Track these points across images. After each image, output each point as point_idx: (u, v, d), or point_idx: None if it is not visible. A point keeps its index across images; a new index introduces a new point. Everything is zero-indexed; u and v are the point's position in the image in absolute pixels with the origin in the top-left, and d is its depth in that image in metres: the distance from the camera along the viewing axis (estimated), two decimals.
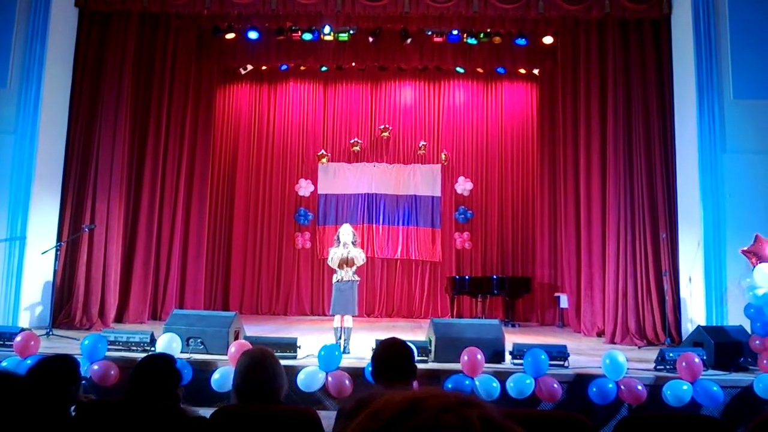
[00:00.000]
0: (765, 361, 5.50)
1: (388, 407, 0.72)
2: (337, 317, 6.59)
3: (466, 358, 5.32)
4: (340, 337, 6.49)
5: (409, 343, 3.06)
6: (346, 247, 6.55)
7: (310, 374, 5.32)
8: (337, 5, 8.64)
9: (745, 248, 6.48)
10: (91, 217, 8.64)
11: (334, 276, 6.64)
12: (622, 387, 5.16)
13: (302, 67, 11.92)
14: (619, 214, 8.45)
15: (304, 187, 12.15)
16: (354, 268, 6.58)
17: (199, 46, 10.55)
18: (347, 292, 6.51)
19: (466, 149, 12.25)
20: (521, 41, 10.45)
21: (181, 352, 5.72)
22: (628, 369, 5.31)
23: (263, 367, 2.56)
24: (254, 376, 2.55)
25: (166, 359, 2.82)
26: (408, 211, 12.04)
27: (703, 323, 7.10)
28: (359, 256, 6.56)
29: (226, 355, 5.52)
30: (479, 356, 5.33)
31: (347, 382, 5.28)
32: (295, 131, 12.30)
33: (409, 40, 10.46)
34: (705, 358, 5.65)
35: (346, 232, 6.67)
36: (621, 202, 8.46)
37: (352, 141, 12.11)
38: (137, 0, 8.68)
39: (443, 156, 12.12)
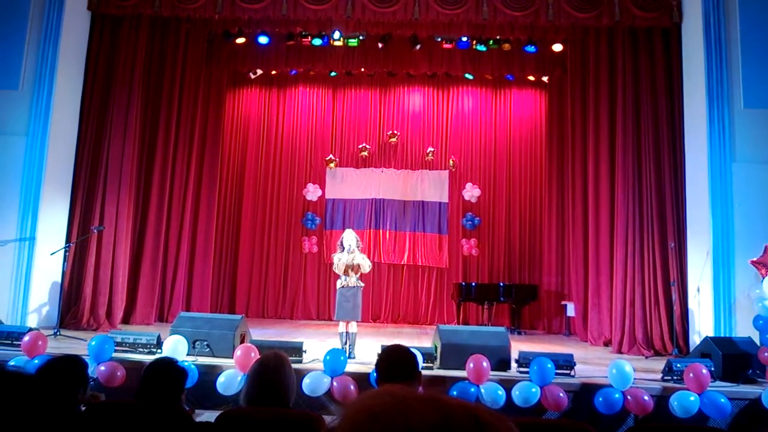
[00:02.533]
0: None
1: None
2: (342, 322, 6.60)
3: (471, 365, 5.31)
4: (345, 342, 6.49)
5: (413, 350, 3.06)
6: (351, 252, 6.55)
7: (315, 379, 5.32)
8: (347, 11, 8.68)
9: (755, 259, 6.44)
10: (100, 219, 8.69)
11: (339, 282, 6.64)
12: (629, 397, 5.13)
13: (311, 72, 11.97)
14: (628, 222, 8.41)
15: (312, 192, 12.17)
16: (358, 273, 6.58)
17: (209, 50, 10.63)
18: (352, 298, 6.51)
19: (474, 156, 12.24)
20: (531, 48, 10.45)
21: (187, 354, 5.73)
22: (634, 379, 5.27)
23: (277, 372, 2.57)
24: (267, 380, 2.55)
25: (172, 363, 2.83)
26: (415, 216, 12.04)
27: (711, 334, 7.05)
28: (365, 263, 6.56)
29: (232, 358, 5.52)
30: (485, 364, 5.31)
31: (352, 387, 5.27)
32: (303, 136, 12.34)
33: (418, 46, 10.49)
34: (713, 369, 5.61)
35: (349, 237, 6.67)
36: (629, 211, 8.42)
37: (361, 146, 12.14)
38: (149, 4, 8.76)
39: (451, 162, 12.12)
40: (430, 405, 0.71)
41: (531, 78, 11.71)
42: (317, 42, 10.59)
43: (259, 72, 11.92)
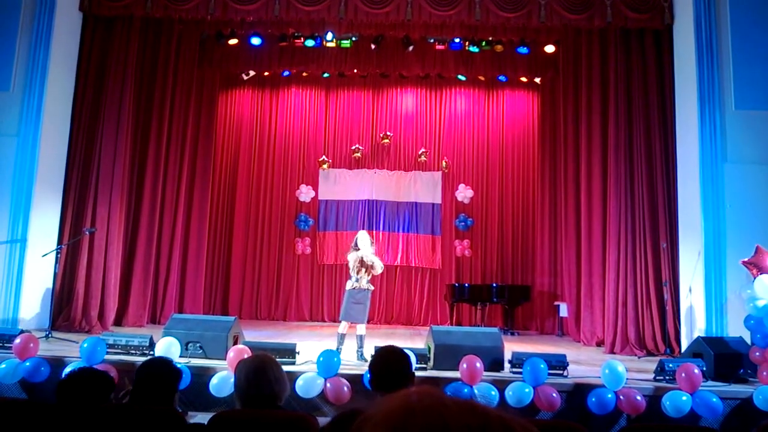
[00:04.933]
0: (765, 373, 5.49)
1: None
2: (344, 324, 6.57)
3: (465, 366, 5.31)
4: (341, 344, 6.47)
5: (406, 351, 3.07)
6: (365, 249, 6.54)
7: (308, 380, 5.31)
8: (340, 12, 8.67)
9: (746, 259, 6.47)
10: (92, 221, 8.65)
11: (349, 282, 6.60)
12: (621, 397, 5.15)
13: (304, 74, 11.96)
14: (620, 223, 8.45)
15: (305, 193, 12.16)
16: (370, 276, 6.56)
17: (201, 52, 10.58)
18: (363, 300, 6.48)
19: (467, 157, 12.26)
20: (523, 50, 10.49)
21: (180, 356, 5.71)
22: (627, 379, 5.29)
23: (265, 371, 2.57)
24: (257, 380, 2.55)
25: (166, 363, 2.82)
26: (408, 218, 12.05)
27: (703, 334, 7.09)
28: (378, 264, 6.54)
29: (225, 360, 5.51)
30: (478, 364, 5.32)
31: (346, 388, 5.27)
32: (296, 137, 12.33)
33: (411, 48, 10.50)
34: (704, 369, 5.64)
35: (363, 239, 6.65)
36: (621, 211, 8.46)
37: (353, 147, 12.13)
38: (140, 5, 8.72)
39: (444, 163, 12.13)
40: (468, 410, 0.72)
41: (523, 79, 11.73)
42: (310, 43, 10.58)
43: (252, 73, 11.89)
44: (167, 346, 5.61)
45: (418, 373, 4.32)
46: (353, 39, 10.65)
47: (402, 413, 0.71)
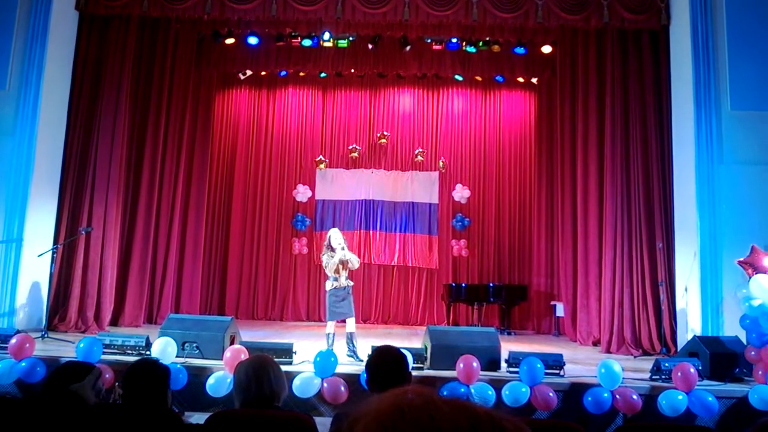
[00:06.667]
0: (760, 372, 5.52)
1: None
2: (330, 323, 6.58)
3: (461, 365, 5.33)
4: (332, 343, 6.47)
5: (403, 351, 3.07)
6: (342, 250, 6.53)
7: (305, 380, 5.31)
8: (337, 12, 8.68)
9: (741, 259, 6.49)
10: (88, 220, 8.62)
11: (328, 283, 6.59)
12: (618, 396, 5.17)
13: (301, 73, 11.95)
14: (616, 223, 8.47)
15: (302, 193, 12.15)
16: (347, 272, 6.56)
17: (198, 51, 10.56)
18: (346, 296, 6.50)
19: (464, 157, 12.27)
20: (520, 50, 10.50)
21: (177, 356, 5.70)
22: (623, 378, 5.31)
23: (266, 371, 2.57)
24: (257, 380, 2.56)
25: (153, 363, 2.81)
26: (405, 217, 12.05)
27: (698, 333, 7.11)
28: (354, 258, 6.55)
29: (222, 360, 5.50)
30: (475, 364, 5.33)
31: (342, 388, 5.27)
32: (293, 137, 12.32)
33: (408, 48, 10.50)
34: (700, 368, 5.66)
35: (337, 236, 6.65)
36: (618, 211, 8.48)
37: (351, 147, 12.13)
38: (137, 4, 8.70)
39: (441, 163, 12.14)
40: (458, 409, 0.72)
41: (520, 79, 11.73)
42: (307, 43, 10.57)
43: (249, 73, 11.87)
44: (164, 346, 5.59)
45: (414, 373, 4.33)
46: (350, 39, 10.65)
47: (392, 412, 0.72)
